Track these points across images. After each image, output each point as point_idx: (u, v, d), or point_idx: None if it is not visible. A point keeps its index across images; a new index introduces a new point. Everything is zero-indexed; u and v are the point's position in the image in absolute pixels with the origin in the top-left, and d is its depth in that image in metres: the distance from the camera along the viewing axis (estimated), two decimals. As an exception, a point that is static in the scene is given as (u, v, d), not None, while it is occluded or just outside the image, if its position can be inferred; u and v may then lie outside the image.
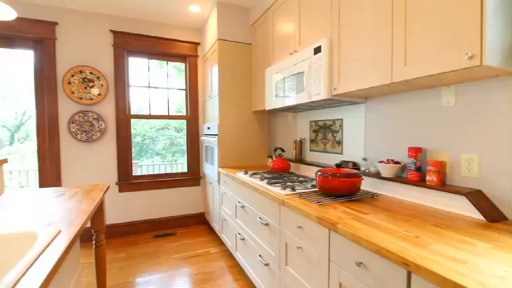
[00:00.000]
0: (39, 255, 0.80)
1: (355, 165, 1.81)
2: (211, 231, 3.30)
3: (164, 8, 2.89)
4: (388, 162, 1.52)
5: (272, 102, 2.30)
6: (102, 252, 1.82)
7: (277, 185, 1.80)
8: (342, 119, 1.99)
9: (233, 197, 2.37)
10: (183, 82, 3.56)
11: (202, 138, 3.35)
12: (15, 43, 2.77)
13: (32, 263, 0.75)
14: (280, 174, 2.23)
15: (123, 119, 3.10)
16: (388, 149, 1.61)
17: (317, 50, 1.70)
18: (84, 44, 2.91)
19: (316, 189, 1.65)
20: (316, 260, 1.23)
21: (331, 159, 2.10)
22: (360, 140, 1.82)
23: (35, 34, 2.73)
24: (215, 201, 2.99)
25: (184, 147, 3.72)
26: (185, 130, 3.56)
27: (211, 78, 3.06)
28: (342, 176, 1.40)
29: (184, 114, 3.56)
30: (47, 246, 0.87)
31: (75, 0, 2.69)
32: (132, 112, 3.22)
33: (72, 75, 2.83)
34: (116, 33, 3.03)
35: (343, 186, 1.40)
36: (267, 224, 1.71)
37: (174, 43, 3.32)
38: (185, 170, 3.56)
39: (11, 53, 2.86)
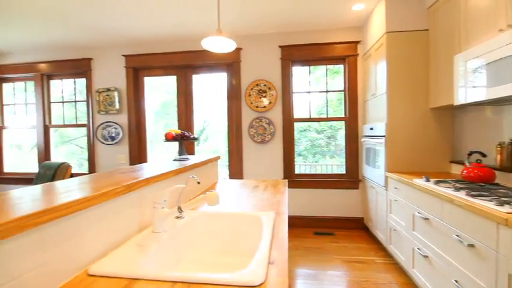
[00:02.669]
0: (273, 233, 1.01)
1: None
2: (372, 239, 3.10)
3: (326, 14, 2.98)
4: None
5: (465, 95, 1.86)
6: (282, 239, 2.09)
7: (483, 198, 1.44)
8: None
9: (409, 206, 2.11)
10: (331, 84, 3.56)
11: (362, 139, 3.21)
12: (214, 69, 3.69)
13: (271, 238, 0.95)
14: (481, 185, 1.77)
15: (288, 122, 3.46)
16: None
17: (562, 17, 1.22)
18: (259, 61, 3.48)
19: None
20: None
21: None
22: None
23: (227, 60, 3.52)
24: (379, 208, 2.78)
25: (325, 149, 3.74)
26: (326, 132, 3.57)
27: (375, 75, 2.88)
28: None
29: (332, 115, 3.53)
30: (273, 227, 1.08)
31: (252, 27, 3.26)
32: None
33: (252, 88, 3.45)
34: (283, 48, 3.43)
35: None
36: (471, 246, 1.39)
37: (333, 46, 3.36)
38: (325, 171, 3.55)
39: (199, 77, 3.80)
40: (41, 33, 3.34)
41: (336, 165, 4.39)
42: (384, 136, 2.60)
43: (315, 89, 3.58)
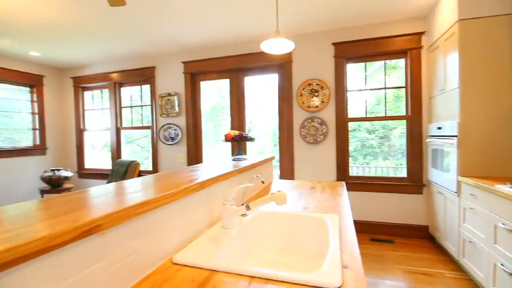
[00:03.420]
0: (340, 234, 0.98)
1: None
2: (438, 249, 2.80)
3: (386, 5, 2.79)
4: None
5: None
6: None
7: None
8: None
9: (490, 216, 1.85)
10: (387, 80, 3.31)
11: (428, 140, 2.92)
12: (266, 70, 3.74)
13: (340, 242, 0.93)
14: None
15: (342, 122, 3.33)
16: None
17: None
18: (311, 60, 3.42)
19: None
20: None
21: None
22: None
23: (278, 61, 3.54)
24: (449, 216, 2.50)
25: (377, 150, 3.51)
26: (379, 132, 3.34)
27: (444, 69, 2.60)
28: None
29: (400, 113, 3.27)
30: (339, 228, 1.05)
31: (305, 25, 3.22)
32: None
33: (303, 88, 3.41)
34: (336, 45, 3.31)
35: None
36: None
37: (392, 39, 3.13)
38: (380, 173, 3.29)
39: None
40: (118, 46, 3.79)
41: (392, 167, 4.08)
42: (455, 136, 2.33)
43: (370, 86, 3.38)
